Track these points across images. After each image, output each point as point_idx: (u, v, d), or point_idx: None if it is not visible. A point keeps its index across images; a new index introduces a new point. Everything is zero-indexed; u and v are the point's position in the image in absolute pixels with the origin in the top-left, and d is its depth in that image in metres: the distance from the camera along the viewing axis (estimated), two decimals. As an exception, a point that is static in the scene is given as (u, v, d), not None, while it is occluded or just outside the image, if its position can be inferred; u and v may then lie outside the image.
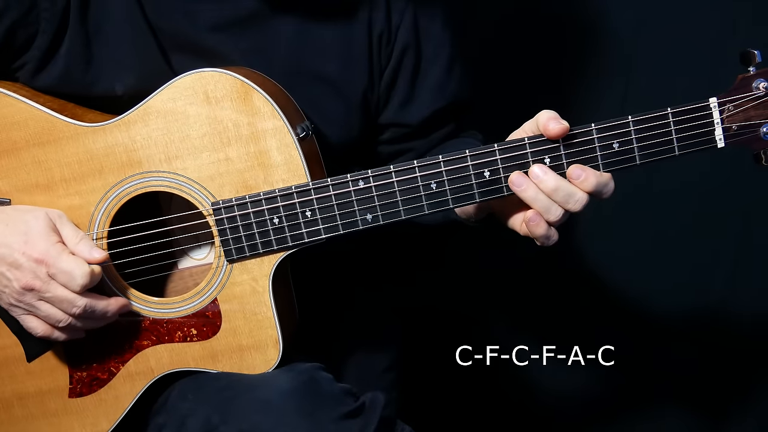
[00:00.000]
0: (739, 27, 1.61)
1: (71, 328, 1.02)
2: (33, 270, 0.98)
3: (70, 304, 0.99)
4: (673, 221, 1.75)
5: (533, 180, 0.94)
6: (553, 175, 0.94)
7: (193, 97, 1.00)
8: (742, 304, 1.77)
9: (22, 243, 0.98)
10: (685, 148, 0.95)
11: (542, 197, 0.94)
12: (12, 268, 0.98)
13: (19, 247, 0.98)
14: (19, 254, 0.98)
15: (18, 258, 0.98)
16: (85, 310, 1.00)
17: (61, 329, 1.02)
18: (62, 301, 0.99)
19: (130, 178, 1.03)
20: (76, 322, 1.01)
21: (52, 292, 0.99)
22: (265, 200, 1.01)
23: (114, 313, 1.04)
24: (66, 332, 1.03)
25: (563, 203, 0.94)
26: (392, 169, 0.98)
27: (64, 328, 1.02)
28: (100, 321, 1.03)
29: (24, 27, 1.03)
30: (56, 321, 1.01)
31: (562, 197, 0.94)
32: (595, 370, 1.68)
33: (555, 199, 0.94)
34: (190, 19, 1.08)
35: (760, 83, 0.94)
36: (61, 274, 0.98)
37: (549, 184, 0.94)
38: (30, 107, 1.03)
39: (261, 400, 1.01)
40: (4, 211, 1.02)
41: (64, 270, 0.98)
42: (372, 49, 1.16)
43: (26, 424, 1.11)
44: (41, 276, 0.98)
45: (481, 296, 1.82)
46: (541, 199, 0.94)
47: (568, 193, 0.94)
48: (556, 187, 0.93)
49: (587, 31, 1.66)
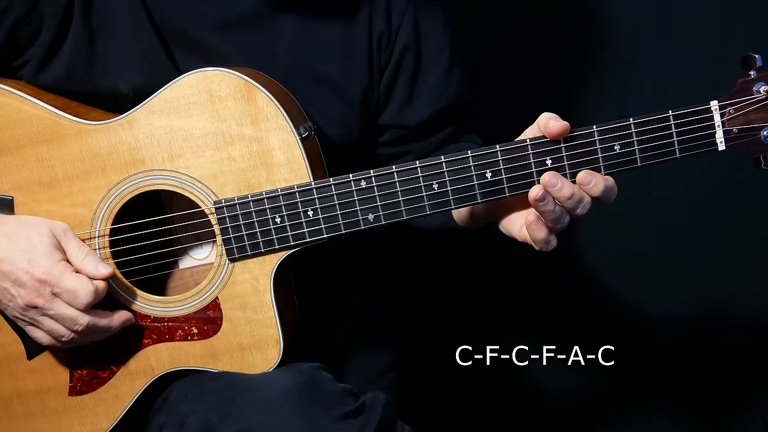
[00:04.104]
0: (740, 28, 1.61)
1: (75, 342, 1.03)
2: (36, 289, 0.98)
3: (73, 321, 1.00)
4: (673, 221, 1.75)
5: (550, 189, 0.93)
6: (567, 182, 0.94)
7: (197, 96, 1.01)
8: (742, 305, 1.77)
9: (25, 261, 0.98)
10: (686, 151, 0.96)
11: (558, 209, 0.94)
12: (15, 285, 0.98)
13: (22, 265, 0.98)
14: (22, 273, 0.98)
15: (21, 276, 0.98)
16: (88, 327, 1.00)
17: (64, 342, 1.03)
18: (65, 319, 1.00)
19: (132, 177, 1.04)
20: (78, 337, 1.02)
21: (56, 310, 0.99)
22: (267, 199, 1.01)
23: (117, 328, 1.04)
24: (70, 345, 1.03)
25: (572, 209, 0.94)
26: (394, 170, 0.99)
27: (67, 342, 1.02)
28: (103, 335, 1.04)
29: (28, 24, 1.03)
30: (59, 336, 1.01)
31: (572, 204, 0.94)
32: (595, 370, 1.68)
33: (567, 206, 0.94)
34: (192, 17, 1.08)
35: (761, 87, 0.94)
36: (65, 293, 0.98)
37: (565, 192, 0.93)
38: (34, 105, 1.03)
39: (261, 400, 1.01)
40: (7, 224, 1.02)
41: (68, 289, 0.98)
42: (372, 50, 1.16)
43: (25, 422, 1.11)
44: (44, 294, 0.98)
45: (481, 296, 1.82)
46: (557, 211, 0.94)
47: (578, 200, 0.94)
48: (571, 194, 0.93)
49: (588, 34, 1.66)
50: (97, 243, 1.06)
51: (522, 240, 1.01)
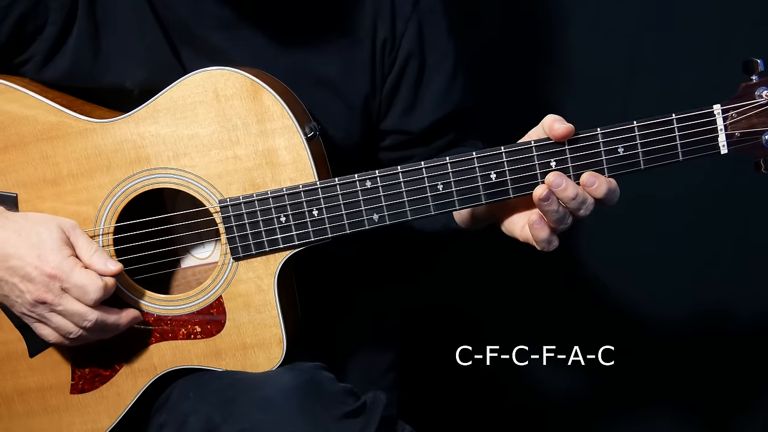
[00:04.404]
0: (741, 31, 1.62)
1: (82, 339, 1.03)
2: (45, 284, 0.98)
3: (82, 317, 0.99)
4: (674, 221, 1.75)
5: (554, 190, 0.95)
6: (572, 183, 0.95)
7: (203, 94, 1.01)
8: (742, 305, 1.78)
9: (34, 257, 0.98)
10: (689, 154, 0.96)
11: (561, 209, 0.95)
12: (24, 280, 0.98)
13: (31, 260, 0.98)
14: (32, 268, 0.98)
15: (30, 272, 0.98)
16: (96, 324, 1.00)
17: (72, 339, 1.02)
18: (73, 315, 0.99)
19: (137, 175, 1.04)
20: (86, 334, 1.02)
21: (64, 306, 0.99)
22: (272, 199, 1.02)
23: (125, 325, 1.04)
24: (77, 342, 1.03)
25: (575, 210, 0.95)
26: (399, 170, 0.99)
27: (75, 339, 1.02)
28: (111, 333, 1.04)
29: (33, 19, 1.03)
30: (67, 333, 1.01)
31: (576, 205, 0.95)
32: (595, 370, 1.69)
33: (570, 206, 0.95)
34: (196, 15, 1.08)
35: (763, 91, 0.95)
36: (74, 289, 0.98)
37: (569, 193, 0.94)
38: (39, 102, 1.03)
39: (262, 399, 1.01)
40: (16, 221, 1.01)
41: (77, 285, 0.98)
42: (375, 55, 1.16)
43: (27, 419, 1.10)
44: (53, 290, 0.98)
45: (482, 296, 1.83)
46: (560, 210, 0.95)
47: (582, 200, 0.95)
48: (575, 195, 0.94)
49: (592, 37, 1.66)
50: (102, 241, 1.06)
51: (524, 240, 1.01)
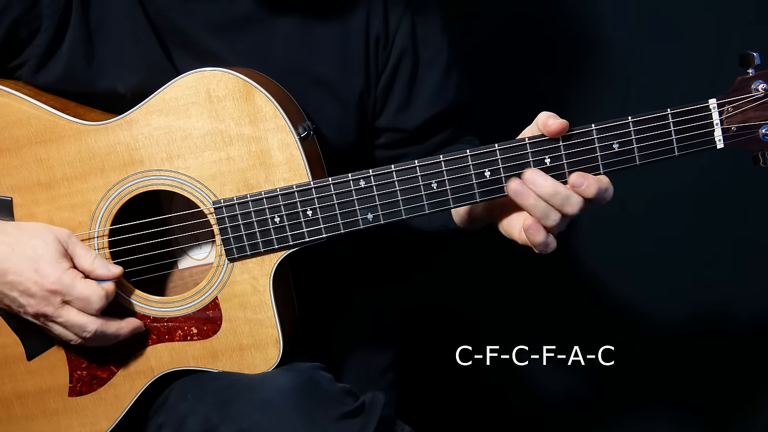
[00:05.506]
0: (738, 28, 1.62)
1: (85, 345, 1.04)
2: (46, 298, 0.99)
3: (82, 328, 1.00)
4: (673, 221, 1.75)
5: (530, 186, 0.94)
6: (550, 179, 0.94)
7: (196, 96, 1.01)
8: (742, 305, 1.77)
9: (32, 271, 0.98)
10: (685, 149, 0.96)
11: (541, 203, 0.94)
12: (25, 295, 0.99)
13: (30, 275, 0.98)
14: (31, 283, 0.98)
15: (30, 287, 0.98)
16: (96, 334, 1.01)
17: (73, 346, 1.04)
18: (74, 326, 1.01)
19: (131, 177, 1.04)
20: (87, 342, 1.02)
21: (65, 317, 1.00)
22: (266, 199, 1.02)
23: (125, 335, 1.05)
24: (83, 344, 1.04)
25: (560, 207, 0.94)
26: (393, 169, 0.99)
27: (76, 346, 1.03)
28: (111, 341, 1.04)
29: (26, 24, 1.04)
30: (67, 341, 1.03)
31: (560, 201, 0.94)
32: (595, 370, 1.68)
33: (553, 203, 0.94)
34: (188, 17, 1.08)
35: (759, 85, 0.94)
36: (77, 301, 0.99)
37: (547, 189, 0.94)
38: (32, 105, 1.04)
39: (260, 400, 1.01)
40: (10, 233, 1.01)
41: (80, 297, 0.99)
42: (369, 53, 1.16)
43: (25, 423, 1.11)
44: (54, 303, 0.99)
45: (482, 296, 1.83)
46: (540, 206, 0.94)
47: (565, 197, 0.94)
48: (555, 192, 0.94)
49: (586, 33, 1.66)
50: (97, 243, 1.06)
51: (522, 243, 1.01)
